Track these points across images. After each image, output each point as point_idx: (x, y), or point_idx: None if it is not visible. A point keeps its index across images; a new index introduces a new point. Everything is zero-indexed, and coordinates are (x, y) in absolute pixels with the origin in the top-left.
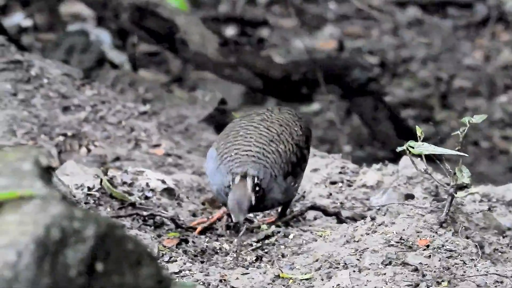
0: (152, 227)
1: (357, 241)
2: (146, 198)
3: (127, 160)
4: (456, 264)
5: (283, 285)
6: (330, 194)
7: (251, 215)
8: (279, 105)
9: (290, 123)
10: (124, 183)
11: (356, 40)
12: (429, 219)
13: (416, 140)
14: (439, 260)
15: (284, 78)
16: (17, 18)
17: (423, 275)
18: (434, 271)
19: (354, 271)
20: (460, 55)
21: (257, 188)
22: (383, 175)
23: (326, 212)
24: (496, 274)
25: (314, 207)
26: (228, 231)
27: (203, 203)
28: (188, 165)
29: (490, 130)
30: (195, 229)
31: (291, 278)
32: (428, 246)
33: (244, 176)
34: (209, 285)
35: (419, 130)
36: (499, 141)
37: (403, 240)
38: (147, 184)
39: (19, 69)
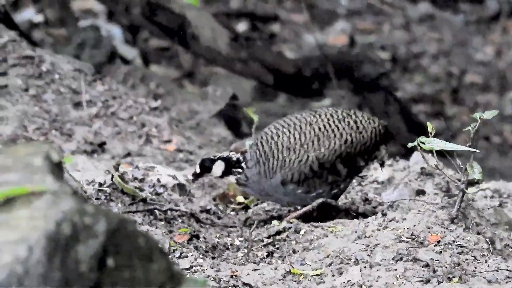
0: (164, 222)
1: (368, 237)
2: (157, 193)
3: (138, 155)
4: (467, 259)
5: (294, 281)
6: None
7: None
8: (290, 100)
9: (334, 134)
10: (135, 178)
11: (367, 35)
12: (440, 215)
13: (427, 136)
14: (450, 256)
15: (296, 73)
16: (28, 14)
17: (434, 271)
18: (445, 267)
19: (365, 267)
20: (472, 50)
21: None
22: (394, 171)
23: (337, 208)
24: (507, 270)
25: (325, 203)
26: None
27: (214, 199)
28: None
29: (501, 125)
30: (213, 224)
31: (302, 273)
32: (439, 242)
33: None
34: (220, 280)
35: (430, 126)
36: (510, 136)
37: (414, 236)
38: (158, 180)
39: (30, 65)
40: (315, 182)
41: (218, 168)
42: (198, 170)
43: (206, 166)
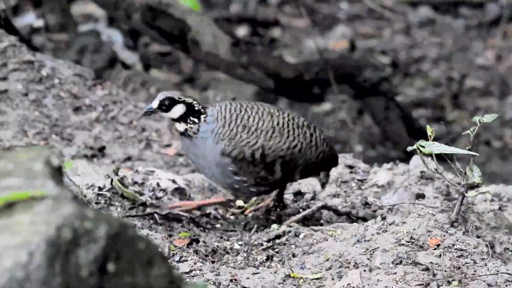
0: (163, 227)
1: (368, 241)
2: (157, 198)
3: (138, 160)
4: (466, 263)
5: (294, 285)
6: (341, 193)
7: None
8: (290, 104)
9: (288, 135)
10: (135, 183)
11: (368, 40)
12: (440, 219)
13: (427, 140)
14: (450, 260)
15: (296, 78)
16: (29, 19)
17: (434, 275)
18: (445, 271)
19: (364, 271)
20: (472, 55)
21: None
22: (394, 175)
23: (337, 212)
24: (507, 273)
25: (325, 207)
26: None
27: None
28: None
29: (501, 129)
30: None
31: (301, 277)
32: (439, 245)
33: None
34: (220, 284)
35: (429, 130)
36: (511, 141)
37: (414, 239)
38: (158, 184)
39: (30, 69)
40: (248, 168)
41: (178, 110)
42: (155, 105)
43: (165, 105)
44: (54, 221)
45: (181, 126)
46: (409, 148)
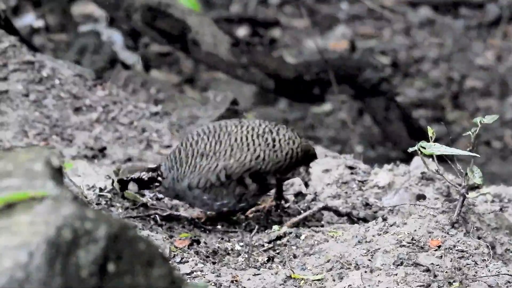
0: (164, 228)
1: (369, 242)
2: (158, 199)
3: (139, 160)
4: (467, 264)
5: (295, 286)
6: (342, 194)
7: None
8: (290, 105)
9: (248, 148)
10: None
11: (368, 40)
12: (441, 220)
13: (428, 141)
14: (451, 261)
15: (296, 78)
16: (29, 19)
17: (435, 276)
18: (446, 272)
19: (365, 272)
20: (472, 55)
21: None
22: (395, 176)
23: (338, 213)
24: (508, 274)
25: (326, 208)
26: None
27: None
28: None
29: (502, 130)
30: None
31: (302, 278)
32: (439, 246)
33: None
34: (221, 286)
35: (430, 131)
36: (511, 141)
37: (415, 240)
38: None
39: (31, 70)
40: (222, 192)
41: (133, 187)
42: (120, 188)
43: (123, 186)
44: (54, 222)
45: (147, 197)
46: (410, 149)
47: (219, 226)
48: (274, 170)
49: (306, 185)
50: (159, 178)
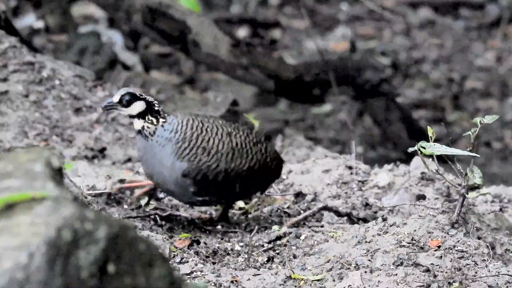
0: (164, 228)
1: (369, 242)
2: (158, 199)
3: (139, 161)
4: (467, 264)
5: (295, 286)
6: (342, 195)
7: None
8: (290, 106)
9: (247, 155)
10: None
11: (368, 41)
12: (441, 220)
13: (428, 141)
14: (451, 261)
15: (296, 79)
16: (29, 20)
17: (435, 276)
18: (446, 272)
19: (365, 272)
20: (472, 56)
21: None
22: (395, 176)
23: (338, 213)
24: (508, 274)
25: (326, 208)
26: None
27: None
28: None
29: (502, 130)
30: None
31: (302, 279)
32: (439, 246)
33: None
34: (221, 286)
35: (430, 131)
36: (511, 142)
37: (415, 240)
38: None
39: (31, 71)
40: (209, 189)
41: (137, 107)
42: (116, 99)
43: (126, 100)
44: (54, 222)
45: (138, 123)
46: (410, 150)
47: (219, 227)
48: (259, 179)
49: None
50: (160, 119)
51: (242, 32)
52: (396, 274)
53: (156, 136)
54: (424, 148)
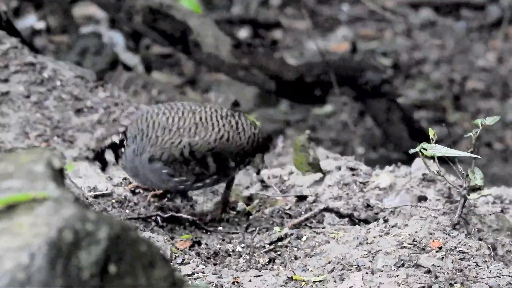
0: (166, 229)
1: (370, 243)
2: (159, 200)
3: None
4: (469, 266)
5: (296, 287)
6: (343, 196)
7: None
8: (291, 106)
9: (213, 128)
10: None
11: (369, 42)
12: (442, 221)
13: (429, 142)
14: (452, 262)
15: (297, 80)
16: (30, 20)
17: (436, 277)
18: (447, 273)
19: (367, 273)
20: (473, 57)
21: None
22: (396, 177)
23: (339, 214)
24: (509, 276)
25: (327, 209)
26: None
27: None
28: None
29: (503, 131)
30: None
31: (304, 280)
32: (441, 248)
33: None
34: (222, 287)
35: (431, 132)
36: None
37: (416, 242)
38: None
39: (32, 71)
40: (182, 168)
41: (110, 157)
42: (99, 164)
43: (102, 160)
44: (56, 223)
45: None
46: (411, 151)
47: (220, 228)
48: (235, 152)
49: (258, 172)
50: (124, 144)
51: (243, 33)
52: (397, 275)
53: (127, 158)
54: (425, 149)
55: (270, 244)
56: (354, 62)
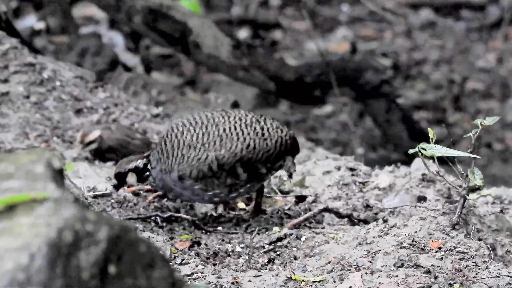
0: (165, 230)
1: (370, 243)
2: (159, 200)
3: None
4: (468, 266)
5: (295, 287)
6: (343, 196)
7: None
8: (291, 107)
9: (238, 137)
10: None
11: (369, 42)
12: (442, 221)
13: (429, 142)
14: (452, 262)
15: (297, 80)
16: (30, 21)
17: (435, 277)
18: (447, 273)
19: (366, 273)
20: (473, 57)
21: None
22: (396, 177)
23: (338, 214)
24: (508, 276)
25: (326, 209)
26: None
27: (215, 205)
28: None
29: (502, 132)
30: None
31: (303, 280)
32: (440, 248)
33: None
34: (222, 287)
35: (431, 132)
36: None
37: (416, 242)
38: None
39: (32, 72)
40: (213, 182)
41: (131, 179)
42: (116, 182)
43: (122, 180)
44: (55, 224)
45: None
46: (411, 151)
47: (219, 228)
48: (264, 158)
49: (291, 176)
50: (149, 167)
51: (243, 34)
52: (396, 276)
53: (156, 178)
54: (425, 149)
55: (270, 244)
56: (354, 62)
